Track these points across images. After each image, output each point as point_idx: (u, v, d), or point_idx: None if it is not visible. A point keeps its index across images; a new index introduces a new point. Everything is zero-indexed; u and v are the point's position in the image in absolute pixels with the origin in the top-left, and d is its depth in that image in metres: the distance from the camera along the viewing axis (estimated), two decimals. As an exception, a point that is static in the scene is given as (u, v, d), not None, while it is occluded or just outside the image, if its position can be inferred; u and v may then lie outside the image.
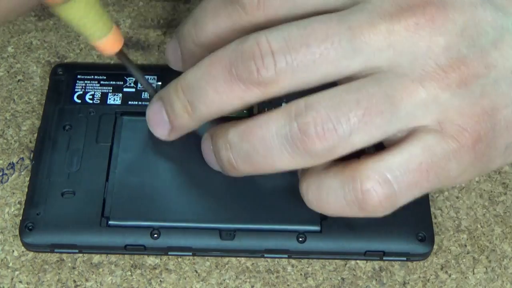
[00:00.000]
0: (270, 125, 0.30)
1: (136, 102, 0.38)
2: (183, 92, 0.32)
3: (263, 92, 0.30)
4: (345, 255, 0.35)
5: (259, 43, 0.30)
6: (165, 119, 0.34)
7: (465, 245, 0.36)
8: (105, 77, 0.39)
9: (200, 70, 0.31)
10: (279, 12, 0.32)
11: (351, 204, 0.30)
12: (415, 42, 0.29)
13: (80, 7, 0.30)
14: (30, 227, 0.34)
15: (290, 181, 0.35)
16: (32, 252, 0.35)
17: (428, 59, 0.29)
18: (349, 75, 0.30)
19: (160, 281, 0.35)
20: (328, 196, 0.31)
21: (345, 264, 0.35)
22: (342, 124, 0.29)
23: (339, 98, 0.29)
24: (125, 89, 0.39)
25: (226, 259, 0.35)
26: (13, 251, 0.35)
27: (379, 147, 0.31)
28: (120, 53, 0.34)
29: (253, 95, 0.31)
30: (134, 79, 0.39)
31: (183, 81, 0.32)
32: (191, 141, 0.37)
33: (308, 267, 0.35)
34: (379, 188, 0.30)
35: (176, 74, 0.39)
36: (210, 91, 0.31)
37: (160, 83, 0.39)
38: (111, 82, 0.39)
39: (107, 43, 0.32)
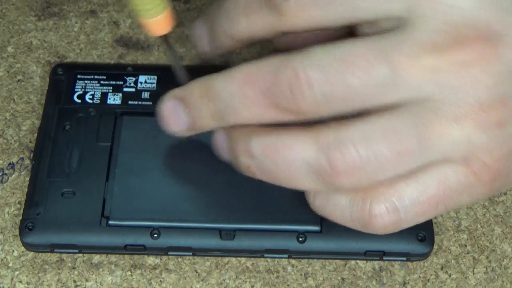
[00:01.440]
0: (297, 149, 0.30)
1: (136, 102, 0.38)
2: (212, 101, 0.31)
3: (297, 118, 0.30)
4: (345, 255, 0.35)
5: (297, 73, 0.29)
6: (184, 119, 0.33)
7: (465, 245, 0.36)
8: (105, 77, 0.39)
9: (233, 86, 0.30)
10: (317, 20, 0.30)
11: (356, 221, 0.30)
12: (459, 80, 0.28)
13: None
14: (30, 227, 0.34)
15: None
16: (32, 252, 0.35)
17: (470, 98, 0.28)
18: (386, 106, 0.29)
19: (160, 281, 0.35)
20: (335, 208, 0.31)
21: (345, 264, 0.35)
22: (371, 163, 0.29)
23: (370, 135, 0.29)
24: (125, 89, 0.39)
25: (226, 259, 0.35)
26: (13, 251, 0.35)
27: None
28: (165, 38, 0.33)
29: (286, 119, 0.30)
30: (134, 79, 0.39)
31: (211, 90, 0.31)
32: (191, 141, 0.37)
33: (308, 267, 0.35)
34: (386, 215, 0.30)
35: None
36: (242, 110, 0.30)
37: (160, 82, 0.39)
38: (111, 82, 0.39)
39: (157, 24, 0.32)
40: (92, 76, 0.39)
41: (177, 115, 0.33)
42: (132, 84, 0.39)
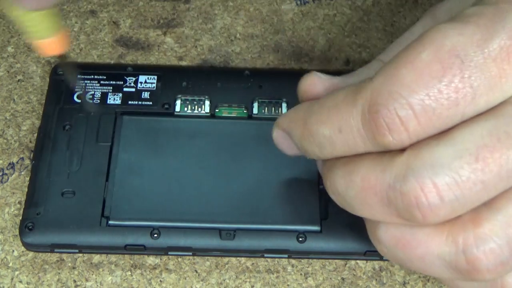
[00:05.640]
0: (431, 247, 0.28)
1: (136, 102, 0.38)
2: (333, 194, 0.30)
3: (425, 224, 0.27)
4: (345, 255, 0.35)
5: (422, 185, 0.26)
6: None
7: (465, 245, 0.36)
8: (105, 77, 0.39)
9: (352, 190, 0.28)
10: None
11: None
12: None
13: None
14: (30, 227, 0.34)
15: (291, 182, 0.35)
16: (32, 252, 0.35)
17: None
18: None
19: (160, 281, 0.35)
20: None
21: (345, 264, 0.35)
22: None
23: (509, 224, 0.27)
24: (125, 89, 0.39)
25: (226, 259, 0.35)
26: (13, 251, 0.35)
27: None
28: (62, 57, 0.32)
29: (412, 223, 0.28)
30: (134, 79, 0.39)
31: (332, 183, 0.29)
32: (191, 140, 0.37)
33: (308, 267, 0.35)
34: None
35: (175, 73, 0.39)
36: (363, 210, 0.28)
37: (160, 82, 0.39)
38: (111, 82, 0.39)
39: (50, 45, 0.31)
40: (92, 76, 0.39)
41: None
42: (132, 84, 0.39)
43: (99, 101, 0.38)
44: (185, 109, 0.38)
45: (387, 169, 0.27)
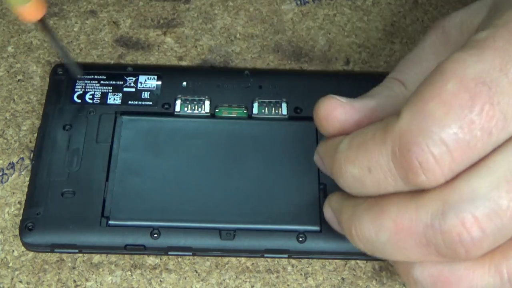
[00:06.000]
0: (474, 280, 0.27)
1: (136, 102, 0.38)
2: (361, 242, 0.28)
3: (465, 260, 0.27)
4: (345, 255, 0.35)
5: (463, 221, 0.25)
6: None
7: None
8: (105, 77, 0.39)
9: (384, 235, 0.27)
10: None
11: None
12: None
13: None
14: (30, 227, 0.34)
15: (291, 182, 0.35)
16: (32, 252, 0.35)
17: None
18: None
19: (160, 281, 0.35)
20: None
21: (345, 264, 0.35)
22: None
23: None
24: (125, 89, 0.39)
25: (226, 259, 0.35)
26: (13, 251, 0.35)
27: None
28: (42, 22, 0.32)
29: (451, 261, 0.27)
30: (134, 79, 0.39)
31: (359, 231, 0.28)
32: (191, 141, 0.37)
33: (308, 267, 0.35)
34: None
35: (176, 72, 0.39)
36: (398, 255, 0.27)
37: (160, 82, 0.39)
38: (111, 82, 0.39)
39: (29, 10, 0.31)
40: (92, 76, 0.39)
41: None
42: (132, 84, 0.39)
43: (99, 101, 0.38)
44: (185, 109, 0.38)
45: (421, 207, 0.26)
